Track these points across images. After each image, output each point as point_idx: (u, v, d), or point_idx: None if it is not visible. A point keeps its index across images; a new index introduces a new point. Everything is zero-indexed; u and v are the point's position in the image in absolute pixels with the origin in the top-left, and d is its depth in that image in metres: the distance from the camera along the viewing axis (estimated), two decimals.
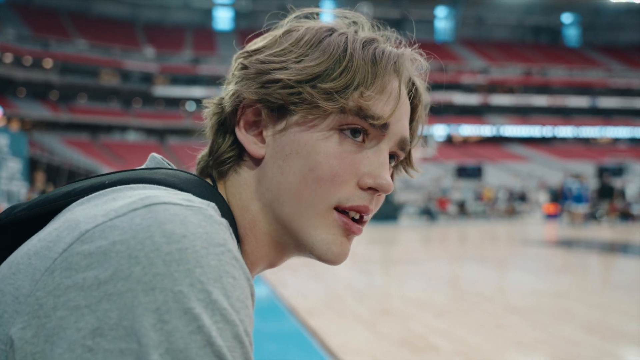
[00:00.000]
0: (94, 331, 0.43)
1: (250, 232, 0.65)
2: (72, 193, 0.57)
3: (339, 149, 0.62)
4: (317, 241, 0.63)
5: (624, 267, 8.76)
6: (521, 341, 3.86)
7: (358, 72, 0.62)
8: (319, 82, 0.61)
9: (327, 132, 0.62)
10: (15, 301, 0.47)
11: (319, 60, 0.62)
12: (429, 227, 19.38)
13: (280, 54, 0.63)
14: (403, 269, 8.46)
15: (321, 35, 0.64)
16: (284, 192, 0.63)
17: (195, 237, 0.47)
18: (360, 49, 0.63)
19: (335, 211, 0.63)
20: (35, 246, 0.51)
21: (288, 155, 0.62)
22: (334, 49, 0.62)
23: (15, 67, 42.38)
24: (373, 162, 0.63)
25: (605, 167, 29.47)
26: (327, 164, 0.61)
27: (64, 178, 22.01)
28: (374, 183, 0.63)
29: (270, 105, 0.63)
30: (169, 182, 0.58)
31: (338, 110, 0.61)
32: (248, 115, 0.65)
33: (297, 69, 0.61)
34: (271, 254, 0.67)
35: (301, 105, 0.61)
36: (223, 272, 0.47)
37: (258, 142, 0.65)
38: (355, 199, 0.63)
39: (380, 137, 0.64)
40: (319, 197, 0.62)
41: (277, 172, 0.63)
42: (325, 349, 3.69)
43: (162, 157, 0.67)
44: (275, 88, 0.62)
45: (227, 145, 0.66)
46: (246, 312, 0.48)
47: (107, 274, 0.45)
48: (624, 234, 14.72)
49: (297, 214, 0.63)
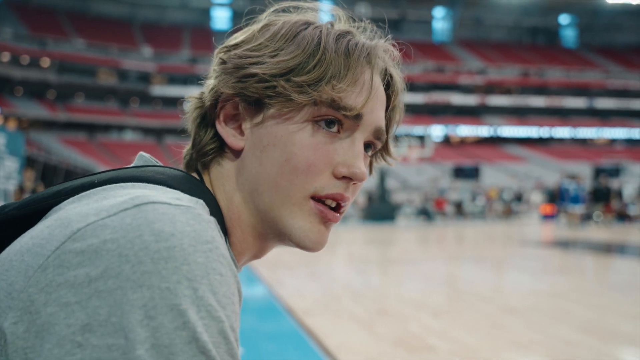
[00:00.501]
0: (83, 327, 0.44)
1: (236, 223, 0.67)
2: (62, 192, 0.58)
3: (313, 140, 0.63)
4: (295, 229, 0.65)
5: (621, 267, 8.78)
6: (518, 341, 3.86)
7: (331, 64, 0.63)
8: (293, 76, 0.62)
9: (302, 124, 0.63)
10: (8, 297, 0.48)
11: (293, 54, 0.63)
12: (426, 228, 19.40)
13: (256, 49, 0.65)
14: (400, 269, 8.47)
15: (296, 29, 0.65)
16: (262, 183, 0.64)
17: (183, 235, 0.48)
18: (334, 42, 0.64)
19: (311, 200, 0.65)
20: (27, 243, 0.51)
21: (265, 147, 0.64)
22: (308, 42, 0.64)
23: (13, 66, 42.28)
24: (347, 152, 0.65)
25: (602, 167, 29.54)
26: (302, 154, 0.63)
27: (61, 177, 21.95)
28: (348, 172, 0.64)
29: (247, 99, 0.65)
30: (157, 179, 0.59)
31: (311, 103, 0.63)
32: (227, 109, 0.67)
33: (272, 63, 0.63)
34: (255, 244, 0.69)
35: (276, 99, 0.63)
36: (210, 269, 0.48)
37: (237, 135, 0.67)
38: (330, 187, 0.65)
39: (354, 127, 0.65)
40: (295, 187, 0.63)
41: (255, 163, 0.65)
42: (322, 348, 3.69)
43: (150, 156, 0.69)
44: (251, 82, 0.63)
45: (209, 138, 0.68)
46: (232, 308, 0.49)
47: (97, 272, 0.46)
48: (620, 235, 14.75)
49: (275, 204, 0.64)
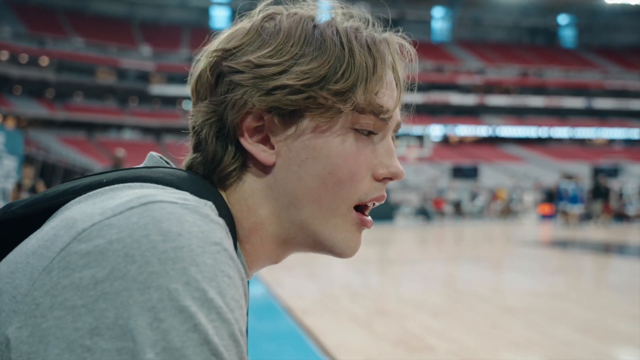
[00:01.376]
0: (91, 330, 0.43)
1: (255, 232, 0.65)
2: (69, 191, 0.56)
3: (353, 148, 0.62)
4: (337, 241, 0.64)
5: (619, 267, 8.79)
6: (516, 341, 3.86)
7: (361, 67, 0.61)
8: (327, 84, 0.60)
9: (341, 132, 0.62)
10: (13, 300, 0.47)
11: (321, 59, 0.60)
12: (425, 227, 19.40)
13: (273, 54, 0.61)
14: (399, 269, 8.47)
15: (308, 27, 0.62)
16: (302, 198, 0.62)
17: (191, 235, 0.47)
18: (355, 41, 0.62)
19: (354, 210, 0.64)
20: (33, 245, 0.50)
21: (304, 161, 0.62)
22: (331, 44, 0.61)
23: (11, 64, 42.26)
24: (383, 153, 0.65)
25: (600, 168, 29.58)
26: (345, 164, 0.61)
27: (60, 176, 21.94)
28: (388, 173, 0.65)
29: (280, 112, 0.61)
30: (166, 180, 0.57)
31: (351, 110, 0.61)
32: (249, 121, 0.62)
33: (301, 72, 0.60)
34: (277, 251, 0.67)
35: (316, 110, 0.61)
36: (218, 270, 0.47)
37: (267, 150, 0.63)
38: (373, 192, 0.65)
39: (384, 126, 0.65)
40: (340, 199, 0.63)
41: (292, 178, 0.62)
42: (321, 348, 3.69)
43: (160, 156, 0.67)
44: (284, 94, 0.60)
45: (230, 157, 0.63)
46: (240, 311, 0.48)
47: (103, 273, 0.45)
48: (618, 235, 14.77)
49: (317, 217, 0.63)
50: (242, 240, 0.65)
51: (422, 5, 57.05)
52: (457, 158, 44.54)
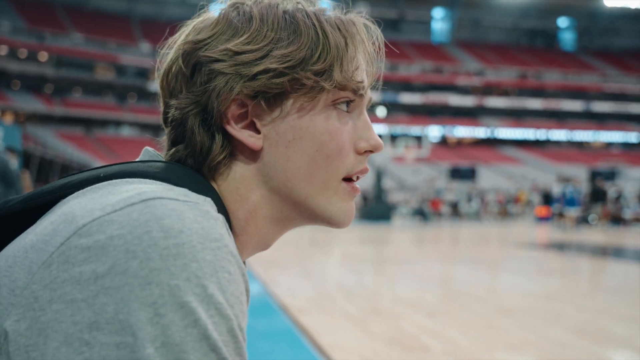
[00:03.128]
0: (90, 325, 0.44)
1: (251, 220, 0.65)
2: (67, 185, 0.57)
3: (336, 124, 0.64)
4: (334, 212, 0.67)
5: (615, 270, 8.81)
6: (511, 342, 3.88)
7: (335, 46, 0.63)
8: (307, 65, 0.62)
9: (323, 110, 0.64)
10: (11, 294, 0.47)
11: (298, 42, 0.62)
12: (422, 228, 19.42)
13: (250, 41, 0.61)
14: (395, 269, 8.48)
15: (278, 13, 0.63)
16: (292, 177, 0.64)
17: (192, 232, 0.47)
18: (326, 22, 0.64)
19: (343, 181, 0.67)
20: (31, 240, 0.50)
21: (291, 141, 0.63)
22: (304, 28, 0.63)
23: (10, 59, 42.16)
24: (362, 127, 0.67)
25: (598, 171, 29.63)
26: (332, 140, 0.64)
27: (57, 171, 21.90)
28: (369, 145, 0.67)
29: (266, 96, 0.62)
30: (163, 176, 0.58)
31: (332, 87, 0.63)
32: (233, 108, 0.62)
33: (282, 55, 0.61)
34: (269, 234, 0.68)
35: (298, 91, 0.62)
36: (219, 267, 0.47)
37: (254, 135, 0.63)
38: (357, 165, 0.67)
39: (360, 103, 0.67)
40: (330, 173, 0.65)
41: (281, 160, 0.64)
42: (315, 347, 3.70)
43: (155, 151, 0.67)
44: (268, 77, 0.61)
45: (219, 146, 0.63)
46: (240, 307, 0.49)
47: (104, 268, 0.45)
48: (615, 238, 14.80)
49: (310, 193, 0.65)
50: (239, 232, 0.65)
51: (421, 6, 57.05)
52: (455, 159, 44.58)
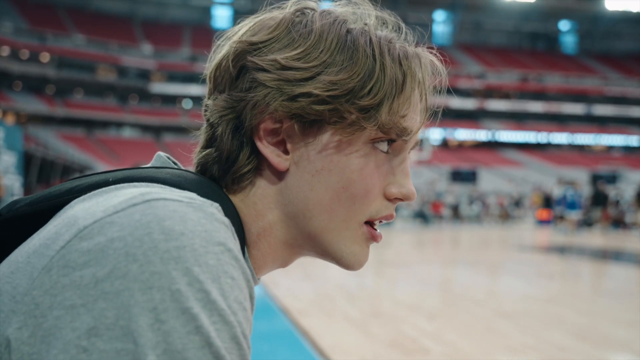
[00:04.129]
0: (89, 331, 0.42)
1: (263, 238, 0.63)
2: (74, 190, 0.55)
3: (370, 165, 0.61)
4: (346, 254, 0.63)
5: (615, 274, 8.80)
6: (511, 345, 3.88)
7: (390, 83, 0.59)
8: (354, 98, 0.58)
9: (359, 147, 0.60)
10: (12, 300, 0.46)
11: (351, 71, 0.58)
12: (423, 231, 19.41)
13: (301, 57, 0.58)
14: (395, 271, 8.48)
15: (341, 31, 0.60)
16: (312, 208, 0.61)
17: (194, 234, 0.46)
18: (388, 54, 0.60)
19: (364, 225, 0.63)
20: (34, 244, 0.49)
21: (319, 172, 0.60)
22: (362, 56, 0.59)
23: (12, 60, 42.21)
24: (398, 173, 0.64)
25: (599, 174, 29.61)
26: (361, 181, 0.60)
27: (58, 173, 21.93)
28: (400, 194, 0.63)
29: (302, 120, 0.59)
30: (173, 181, 0.56)
31: (374, 128, 0.59)
32: (267, 122, 0.60)
33: (330, 82, 0.57)
34: (284, 256, 0.66)
35: (337, 123, 0.59)
36: (222, 272, 0.46)
37: (282, 154, 0.61)
38: (383, 210, 0.63)
39: (403, 145, 0.64)
40: (352, 214, 0.61)
41: (304, 187, 0.61)
42: (315, 349, 3.70)
43: (168, 156, 0.66)
44: (309, 102, 0.58)
45: (245, 157, 0.61)
46: (244, 314, 0.47)
47: (104, 272, 0.44)
48: (616, 242, 14.79)
49: (327, 229, 0.62)
50: (250, 246, 0.64)
51: (423, 9, 57.09)
52: (456, 162, 44.56)
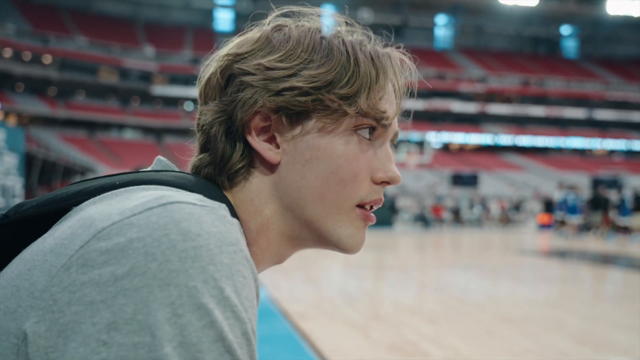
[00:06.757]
0: (109, 325, 0.44)
1: (262, 233, 0.67)
2: (82, 192, 0.57)
3: (355, 150, 0.65)
4: (343, 236, 0.67)
5: (616, 278, 8.79)
6: (511, 350, 3.87)
7: (365, 75, 0.64)
8: (333, 88, 0.63)
9: (344, 134, 0.65)
10: (30, 296, 0.48)
11: (329, 66, 0.64)
12: (423, 234, 19.40)
13: (283, 59, 0.64)
14: (396, 275, 8.47)
15: (316, 37, 0.66)
16: (306, 196, 0.65)
17: (209, 235, 0.49)
18: (360, 52, 0.66)
19: (356, 207, 0.67)
20: (50, 244, 0.52)
21: (308, 160, 0.64)
22: (337, 53, 0.65)
23: (14, 62, 42.29)
24: (382, 158, 0.68)
25: (600, 178, 29.57)
26: (348, 165, 0.64)
27: (60, 174, 21.94)
28: (386, 177, 0.67)
29: (288, 112, 0.64)
30: (178, 184, 0.59)
31: (354, 114, 0.64)
32: (257, 121, 0.65)
33: (310, 76, 0.63)
34: (282, 250, 0.69)
35: (322, 112, 0.64)
36: (235, 270, 0.49)
37: (273, 148, 0.65)
38: (372, 194, 0.67)
39: (383, 133, 0.68)
40: (343, 198, 0.65)
41: (297, 177, 0.65)
42: (316, 352, 3.70)
43: (167, 160, 0.69)
44: (293, 95, 0.63)
45: (239, 155, 0.65)
46: (253, 311, 0.50)
47: (123, 270, 0.46)
48: (616, 246, 14.76)
49: (321, 215, 0.65)
50: (250, 243, 0.66)
51: (425, 13, 57.15)
52: (457, 165, 44.55)
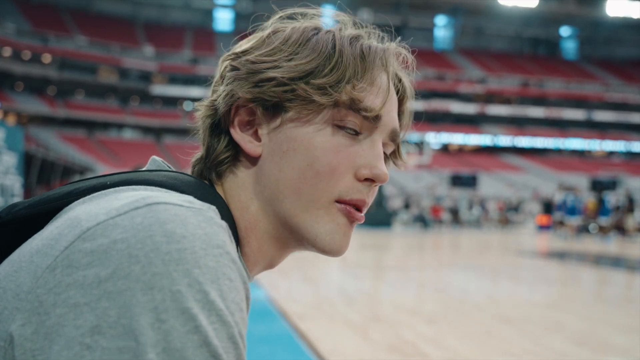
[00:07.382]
0: (92, 329, 0.44)
1: (251, 232, 0.65)
2: (73, 193, 0.57)
3: (334, 143, 0.63)
4: (320, 233, 0.63)
5: (615, 280, 8.79)
6: (510, 351, 3.87)
7: (348, 66, 0.63)
8: (312, 79, 0.62)
9: (322, 126, 0.63)
10: (16, 298, 0.48)
11: (310, 57, 0.63)
12: (422, 235, 19.40)
13: (270, 54, 0.64)
14: (395, 275, 8.47)
15: (308, 33, 0.66)
16: (283, 189, 0.63)
17: (194, 237, 0.48)
18: (348, 45, 0.65)
19: (336, 203, 0.64)
20: (37, 244, 0.51)
21: (285, 152, 0.63)
22: (323, 46, 0.64)
23: (14, 61, 42.29)
24: (368, 154, 0.64)
25: (599, 180, 29.56)
26: (324, 158, 0.62)
27: (59, 174, 21.94)
28: (370, 174, 0.64)
29: (264, 103, 0.64)
30: (170, 184, 0.58)
31: (332, 104, 0.62)
32: (242, 114, 0.65)
33: (289, 67, 0.62)
34: (271, 251, 0.67)
35: (296, 102, 0.62)
36: (220, 273, 0.47)
37: (254, 141, 0.65)
38: (354, 191, 0.64)
39: (373, 129, 0.65)
40: (319, 191, 0.63)
41: (275, 169, 0.64)
42: (314, 352, 3.69)
43: (162, 160, 0.68)
44: (269, 86, 0.62)
45: (223, 146, 0.66)
46: (241, 315, 0.49)
47: (107, 272, 0.45)
48: (616, 248, 14.77)
49: (298, 209, 0.63)
50: (242, 243, 0.65)
51: (425, 13, 57.19)
52: (456, 166, 44.56)
